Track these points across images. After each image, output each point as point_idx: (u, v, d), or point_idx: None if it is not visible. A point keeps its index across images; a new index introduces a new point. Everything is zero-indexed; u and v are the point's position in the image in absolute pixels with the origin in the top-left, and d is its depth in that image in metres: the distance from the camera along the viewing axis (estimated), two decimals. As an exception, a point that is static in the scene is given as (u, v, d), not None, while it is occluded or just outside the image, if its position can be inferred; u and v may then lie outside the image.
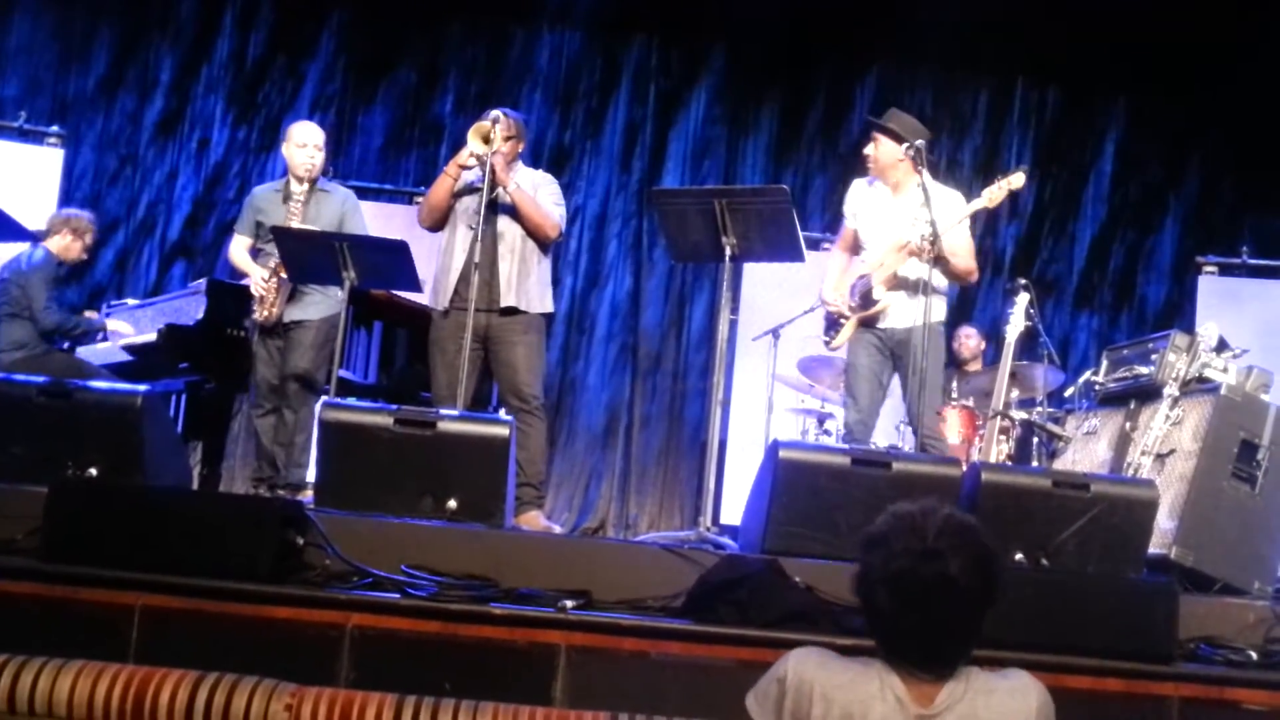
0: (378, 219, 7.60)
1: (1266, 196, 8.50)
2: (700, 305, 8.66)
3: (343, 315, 5.19)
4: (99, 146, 8.47)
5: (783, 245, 4.83)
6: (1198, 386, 4.87)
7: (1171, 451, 4.76)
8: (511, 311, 5.17)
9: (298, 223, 5.44)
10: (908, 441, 6.20)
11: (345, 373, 5.63)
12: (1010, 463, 6.02)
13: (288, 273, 5.35)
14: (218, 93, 8.65)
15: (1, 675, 2.23)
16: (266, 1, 8.73)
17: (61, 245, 6.28)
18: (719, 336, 4.91)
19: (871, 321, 5.12)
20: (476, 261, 4.93)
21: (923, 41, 8.09)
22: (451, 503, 3.93)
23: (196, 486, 5.49)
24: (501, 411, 5.20)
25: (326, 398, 4.91)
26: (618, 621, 3.24)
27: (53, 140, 8.03)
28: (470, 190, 5.22)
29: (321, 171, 5.68)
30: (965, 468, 4.21)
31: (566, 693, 3.08)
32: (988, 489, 3.90)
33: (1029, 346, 6.27)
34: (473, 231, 4.99)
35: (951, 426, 6.46)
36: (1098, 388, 5.47)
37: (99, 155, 8.46)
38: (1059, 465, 5.46)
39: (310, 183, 5.59)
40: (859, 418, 5.13)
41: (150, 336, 5.96)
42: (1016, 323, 5.78)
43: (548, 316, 5.42)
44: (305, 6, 8.75)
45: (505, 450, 4.02)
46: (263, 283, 5.44)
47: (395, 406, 4.21)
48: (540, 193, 5.30)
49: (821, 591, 3.41)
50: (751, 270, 7.89)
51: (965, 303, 8.18)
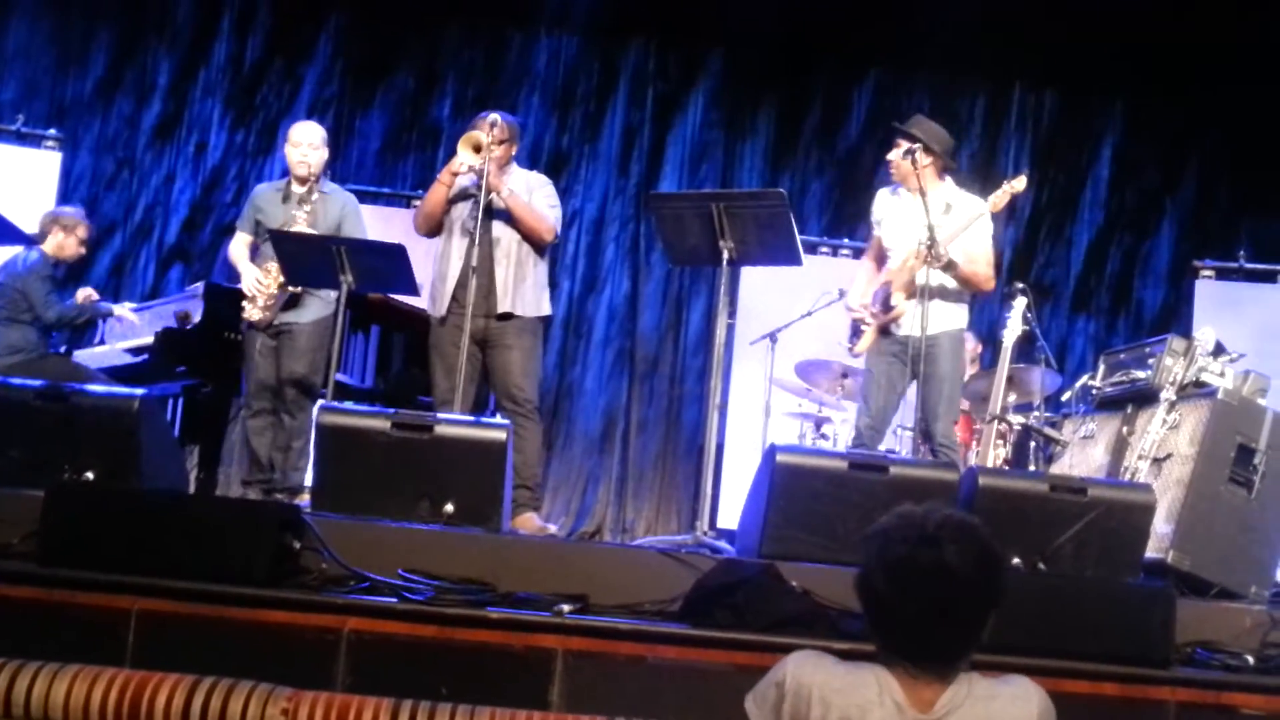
0: (376, 222, 7.60)
1: (1264, 200, 8.51)
2: (698, 309, 8.66)
3: (339, 318, 5.17)
4: (96, 150, 8.47)
5: (780, 249, 4.83)
6: (1195, 391, 4.87)
7: (1168, 456, 4.77)
8: (508, 316, 5.18)
9: (302, 223, 5.42)
10: (905, 445, 6.21)
11: (342, 377, 5.63)
12: (1007, 467, 6.02)
13: (285, 275, 5.34)
14: (215, 96, 8.65)
15: (-2, 679, 2.23)
16: (264, 5, 8.73)
17: (55, 244, 6.28)
18: (716, 340, 4.90)
19: (892, 329, 5.13)
20: (474, 265, 4.95)
21: (920, 46, 8.10)
22: (448, 506, 3.92)
23: (193, 490, 5.49)
24: (498, 415, 5.21)
25: (324, 402, 4.91)
26: (615, 626, 3.23)
27: (50, 143, 8.03)
28: (465, 197, 5.23)
29: (319, 171, 5.63)
30: (962, 472, 4.22)
31: (563, 697, 3.08)
32: (985, 493, 3.90)
33: (1026, 351, 6.27)
34: (468, 238, 5.01)
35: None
36: (1095, 392, 5.48)
37: (96, 158, 8.47)
38: (1056, 469, 5.47)
39: (310, 183, 5.58)
40: (870, 423, 5.14)
41: (147, 339, 5.96)
42: (1014, 327, 5.79)
43: (545, 320, 5.41)
44: (303, 10, 8.75)
45: (502, 454, 4.03)
46: (257, 284, 5.43)
47: (392, 410, 4.21)
48: (535, 195, 5.31)
49: (818, 596, 3.41)
50: (749, 274, 7.90)
51: (963, 307, 8.17)
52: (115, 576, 3.18)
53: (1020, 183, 5.15)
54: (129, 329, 6.22)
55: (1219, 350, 5.00)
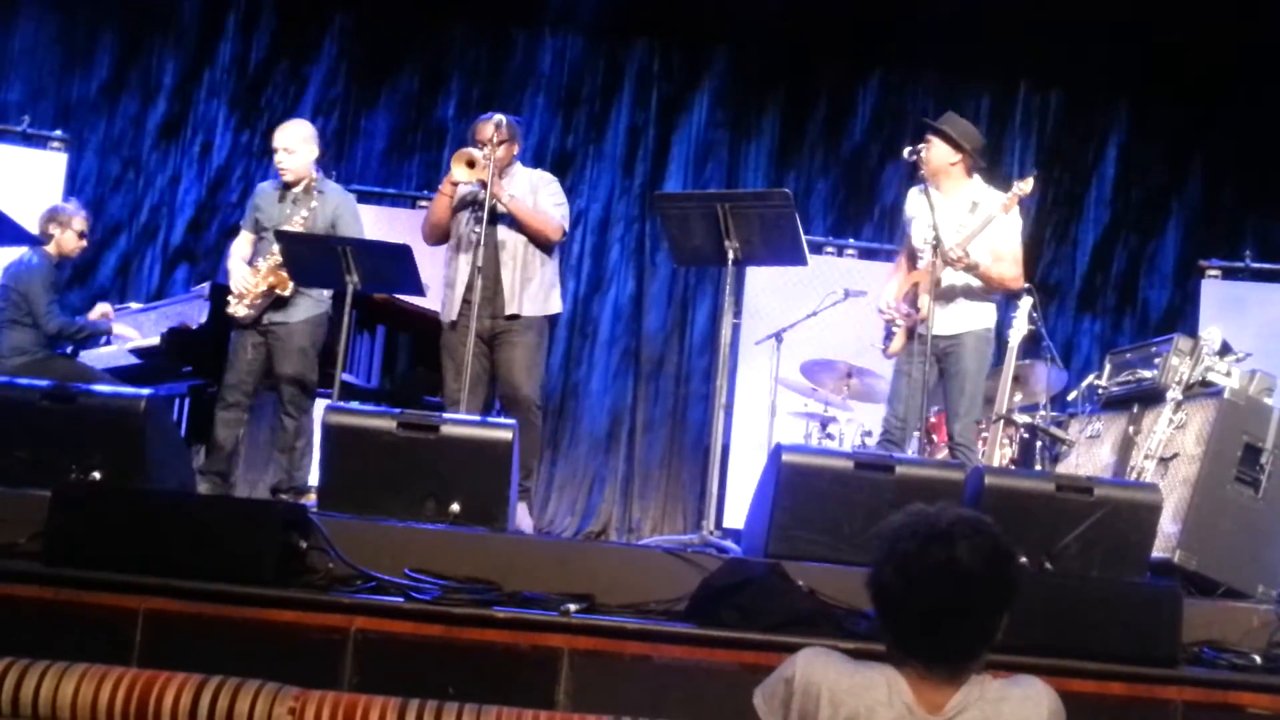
0: (380, 223, 7.63)
1: (1270, 200, 8.49)
2: (703, 309, 8.66)
3: (346, 318, 5.18)
4: (102, 151, 8.48)
5: (785, 249, 4.84)
6: (1201, 390, 4.87)
7: (1175, 455, 4.76)
8: (515, 316, 5.24)
9: (298, 222, 5.41)
10: (912, 444, 6.20)
11: (348, 377, 5.63)
12: (1013, 466, 6.02)
13: (290, 275, 5.34)
14: (220, 97, 8.66)
15: (5, 679, 2.23)
16: (269, 5, 8.74)
17: (56, 242, 6.27)
18: (722, 340, 4.91)
19: (920, 329, 5.12)
20: (479, 265, 4.99)
21: (925, 45, 8.09)
22: (455, 506, 3.92)
23: (200, 490, 5.49)
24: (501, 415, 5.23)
25: (330, 402, 4.92)
26: (621, 625, 3.23)
27: (56, 144, 8.03)
28: (469, 204, 5.28)
29: (306, 171, 5.56)
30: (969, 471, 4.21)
31: (569, 696, 3.08)
32: (991, 493, 3.89)
33: (1032, 350, 6.26)
34: (475, 240, 5.04)
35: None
36: (1101, 391, 5.47)
37: (102, 159, 8.47)
38: (1062, 469, 5.46)
39: (307, 182, 5.56)
40: (897, 423, 5.13)
41: (154, 340, 5.96)
42: (1019, 327, 5.77)
43: (553, 318, 5.44)
44: (307, 10, 8.76)
45: (508, 454, 4.02)
46: (244, 281, 5.43)
47: (398, 410, 4.22)
48: (540, 194, 5.34)
49: (824, 595, 3.40)
50: (754, 274, 7.91)
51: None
52: (122, 576, 3.18)
53: (1027, 184, 5.13)
54: (135, 327, 6.22)
55: (1225, 350, 5.00)
